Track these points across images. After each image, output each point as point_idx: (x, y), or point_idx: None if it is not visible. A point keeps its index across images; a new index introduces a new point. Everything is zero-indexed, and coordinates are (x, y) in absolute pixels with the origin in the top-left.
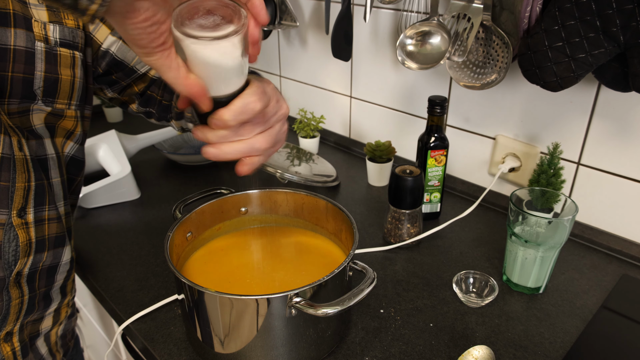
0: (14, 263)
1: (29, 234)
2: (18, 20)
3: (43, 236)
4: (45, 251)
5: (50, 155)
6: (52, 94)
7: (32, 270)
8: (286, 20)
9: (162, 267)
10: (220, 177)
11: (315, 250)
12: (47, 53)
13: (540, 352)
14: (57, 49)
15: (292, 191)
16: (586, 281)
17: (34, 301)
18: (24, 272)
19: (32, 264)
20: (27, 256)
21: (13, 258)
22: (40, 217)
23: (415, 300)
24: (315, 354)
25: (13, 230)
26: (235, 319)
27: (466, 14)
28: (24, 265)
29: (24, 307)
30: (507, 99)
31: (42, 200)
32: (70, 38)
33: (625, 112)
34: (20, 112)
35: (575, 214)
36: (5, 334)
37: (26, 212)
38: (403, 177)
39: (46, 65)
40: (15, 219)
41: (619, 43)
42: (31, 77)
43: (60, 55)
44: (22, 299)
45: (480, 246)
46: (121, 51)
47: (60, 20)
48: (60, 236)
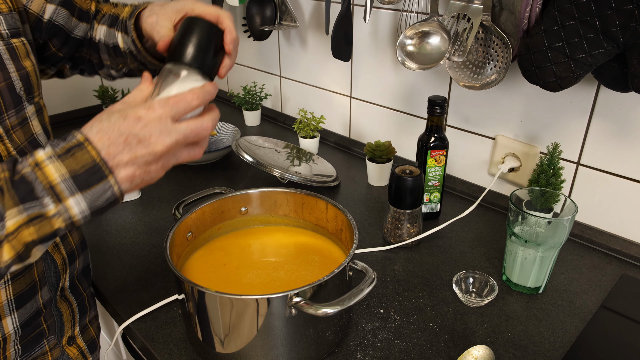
0: (57, 283)
1: (61, 253)
2: None
3: (71, 248)
4: (76, 259)
5: None
6: (30, 89)
7: (71, 279)
8: (286, 21)
9: (162, 267)
10: (220, 177)
11: (315, 250)
12: (9, 50)
13: (540, 352)
14: (11, 42)
15: (292, 191)
16: (586, 281)
17: (83, 304)
18: (65, 286)
19: (70, 276)
20: (65, 272)
21: (55, 279)
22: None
23: (415, 300)
24: (315, 354)
25: (49, 256)
26: (235, 319)
27: (466, 14)
28: (64, 281)
29: (75, 314)
30: (506, 99)
31: None
32: (15, 25)
33: (625, 112)
34: (21, 122)
35: (574, 214)
36: (68, 339)
37: None
38: (403, 177)
39: (14, 63)
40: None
41: (618, 43)
42: (11, 82)
43: (17, 48)
44: (71, 308)
45: (480, 246)
46: (61, 16)
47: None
48: (82, 241)
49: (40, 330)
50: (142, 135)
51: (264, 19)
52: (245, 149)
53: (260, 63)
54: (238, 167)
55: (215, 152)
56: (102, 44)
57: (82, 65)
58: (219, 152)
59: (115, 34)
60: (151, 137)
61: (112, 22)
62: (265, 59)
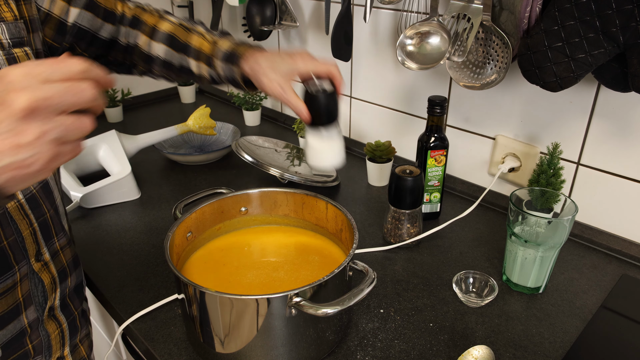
0: (45, 303)
1: (50, 273)
2: None
3: (63, 266)
4: (68, 277)
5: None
6: None
7: (62, 299)
8: (286, 21)
9: (162, 267)
10: (220, 177)
11: (315, 250)
12: (8, 61)
13: (540, 352)
14: (13, 52)
15: (292, 191)
16: (586, 281)
17: (74, 323)
18: (55, 305)
19: (60, 295)
20: (54, 292)
21: (43, 299)
22: (53, 250)
23: (415, 300)
24: (315, 354)
25: (36, 276)
26: (235, 319)
27: (466, 14)
28: (54, 300)
29: (65, 334)
30: (507, 99)
31: (49, 233)
32: (17, 34)
33: (625, 112)
34: None
35: (574, 214)
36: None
37: (42, 254)
38: (403, 177)
39: None
40: (35, 265)
41: (618, 43)
42: None
43: (18, 58)
44: (61, 328)
45: (480, 246)
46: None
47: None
48: (75, 258)
49: (25, 351)
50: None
51: (264, 19)
52: (245, 149)
53: None
54: (238, 167)
55: (215, 152)
56: (159, 60)
57: (114, 67)
58: (219, 152)
59: (185, 60)
60: (9, 93)
61: (174, 45)
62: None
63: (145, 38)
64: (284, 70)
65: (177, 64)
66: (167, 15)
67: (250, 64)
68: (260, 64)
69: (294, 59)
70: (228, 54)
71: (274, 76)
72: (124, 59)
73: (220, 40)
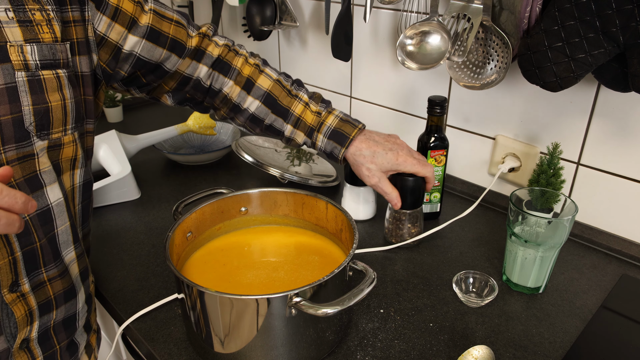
0: (16, 334)
1: (28, 304)
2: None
3: (48, 297)
4: (53, 310)
5: (55, 202)
6: (46, 125)
7: (42, 331)
8: (286, 21)
9: (162, 267)
10: (220, 177)
11: (315, 250)
12: (30, 82)
13: (540, 352)
14: (39, 74)
15: (292, 191)
16: (586, 281)
17: (53, 357)
18: (31, 337)
19: (39, 327)
20: (29, 324)
21: (14, 330)
22: (38, 281)
23: (415, 300)
24: (315, 354)
25: (7, 308)
26: (235, 319)
27: (466, 14)
28: (29, 332)
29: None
30: (507, 99)
31: (35, 264)
32: (50, 56)
33: (625, 112)
34: (21, 158)
35: (575, 214)
36: None
37: (19, 284)
38: (404, 178)
39: (32, 96)
40: (8, 296)
41: (618, 43)
42: (20, 115)
43: (44, 80)
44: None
45: (480, 246)
46: (146, 50)
47: (35, 36)
48: (68, 290)
49: None
50: None
51: (264, 19)
52: (245, 149)
53: None
54: (238, 167)
55: (215, 152)
56: (248, 113)
57: (190, 103)
58: (219, 152)
59: (281, 122)
60: None
61: (273, 106)
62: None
63: (237, 88)
64: (386, 167)
65: (268, 123)
66: (265, 68)
67: (353, 153)
68: (365, 155)
69: (396, 157)
70: (333, 133)
71: (375, 170)
72: (204, 100)
73: (325, 113)
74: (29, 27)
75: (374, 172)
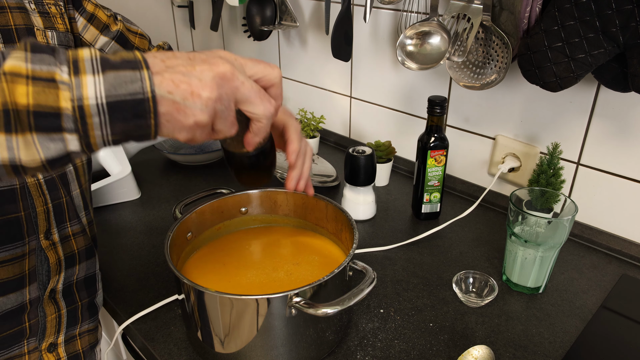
0: (47, 282)
1: (57, 253)
2: (21, 34)
3: (72, 251)
4: (76, 265)
5: (69, 169)
6: None
7: (66, 284)
8: (286, 21)
9: (162, 267)
10: (220, 177)
11: (315, 250)
12: None
13: (540, 352)
14: None
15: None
16: (586, 281)
17: (75, 313)
18: (57, 288)
19: (64, 280)
20: (58, 274)
21: (46, 278)
22: (64, 234)
23: (415, 300)
24: (315, 354)
25: (43, 253)
26: (235, 319)
27: (466, 14)
28: (56, 282)
29: (62, 320)
30: (507, 99)
31: (62, 217)
32: (66, 42)
33: (625, 112)
34: None
35: (574, 214)
36: (49, 345)
37: (51, 233)
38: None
39: None
40: (44, 242)
41: (618, 43)
42: None
43: None
44: (59, 313)
45: (480, 246)
46: (114, 51)
47: (53, 25)
48: (88, 247)
49: (21, 329)
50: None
51: (264, 19)
52: None
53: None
54: None
55: (215, 152)
56: None
57: None
58: (219, 152)
59: None
60: (217, 59)
61: None
62: (265, 59)
63: None
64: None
65: None
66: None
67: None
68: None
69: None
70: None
71: None
72: None
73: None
74: (47, 18)
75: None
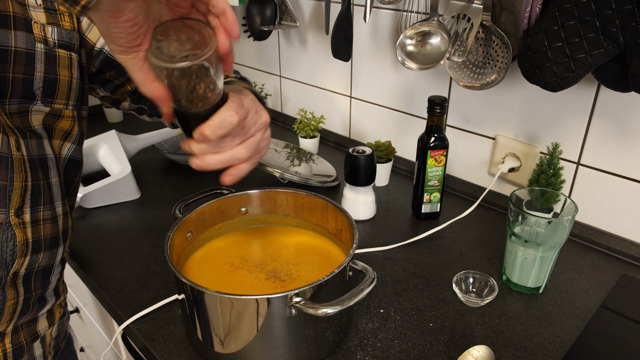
0: (11, 263)
1: (25, 234)
2: (18, 22)
3: (39, 237)
4: (41, 252)
5: (49, 155)
6: (51, 94)
7: (28, 271)
8: (286, 21)
9: (162, 267)
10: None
11: (315, 250)
12: (46, 54)
13: (540, 352)
14: (55, 50)
15: (292, 191)
16: (586, 281)
17: (29, 302)
18: (20, 273)
19: (28, 265)
20: (24, 256)
21: (10, 258)
22: (36, 217)
23: (415, 300)
24: (315, 354)
25: (11, 229)
26: (235, 319)
27: (466, 14)
28: (20, 265)
29: (18, 307)
30: (507, 99)
31: (37, 200)
32: (68, 40)
33: (625, 112)
34: (21, 112)
35: (574, 214)
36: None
37: (23, 212)
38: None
39: (45, 66)
40: (13, 218)
41: (618, 43)
42: (31, 78)
43: (58, 57)
44: (17, 299)
45: (480, 246)
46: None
47: (57, 22)
48: (54, 237)
49: None
50: None
51: (264, 19)
52: None
53: (260, 63)
54: None
55: None
56: None
57: (143, 104)
58: None
59: None
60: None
61: None
62: (265, 59)
63: None
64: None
65: None
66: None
67: None
68: None
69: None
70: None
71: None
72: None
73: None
74: (53, 14)
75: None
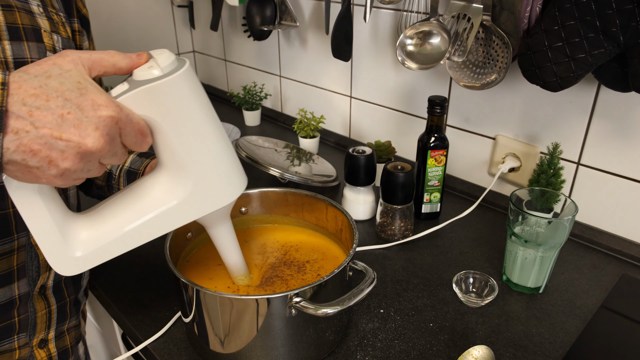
0: (37, 278)
1: None
2: (28, 33)
3: None
4: None
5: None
6: None
7: (56, 281)
8: (286, 20)
9: (162, 267)
10: None
11: (315, 250)
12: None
13: (540, 352)
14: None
15: (292, 191)
16: (586, 281)
17: (64, 309)
18: (48, 285)
19: (55, 276)
20: (48, 270)
21: (36, 274)
22: None
23: (415, 300)
24: (315, 354)
25: (33, 250)
26: (235, 319)
27: (466, 14)
28: (46, 279)
29: (52, 316)
30: (507, 99)
31: None
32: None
33: (625, 112)
34: None
35: (575, 214)
36: (40, 341)
37: None
38: (395, 173)
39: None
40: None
41: (618, 43)
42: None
43: None
44: (49, 309)
45: (480, 246)
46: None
47: (57, 30)
48: None
49: (10, 324)
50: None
51: (264, 19)
52: (245, 148)
53: (260, 63)
54: None
55: None
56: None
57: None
58: None
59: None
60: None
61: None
62: (265, 58)
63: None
64: None
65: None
66: None
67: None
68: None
69: None
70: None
71: None
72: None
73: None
74: (52, 23)
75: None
